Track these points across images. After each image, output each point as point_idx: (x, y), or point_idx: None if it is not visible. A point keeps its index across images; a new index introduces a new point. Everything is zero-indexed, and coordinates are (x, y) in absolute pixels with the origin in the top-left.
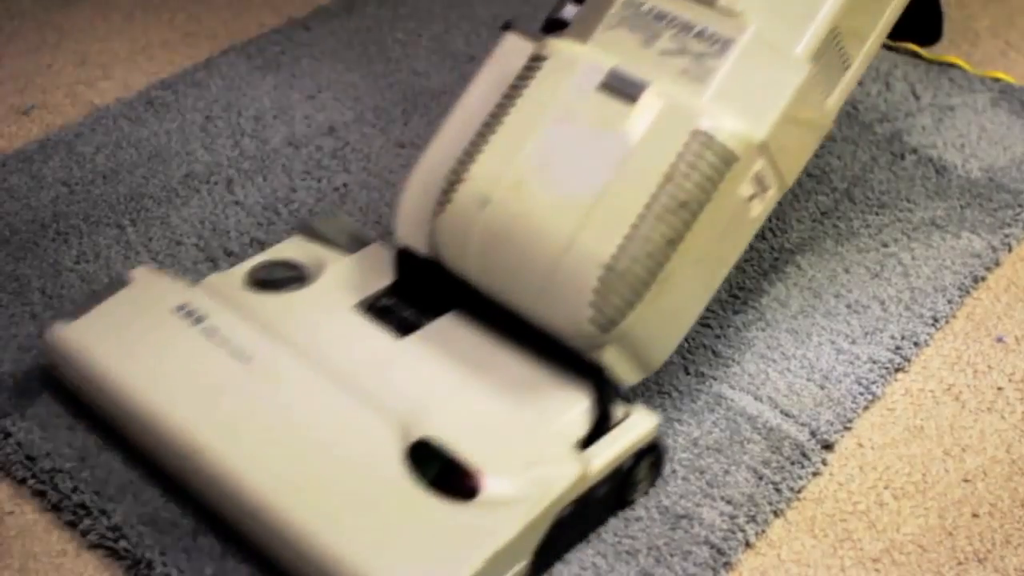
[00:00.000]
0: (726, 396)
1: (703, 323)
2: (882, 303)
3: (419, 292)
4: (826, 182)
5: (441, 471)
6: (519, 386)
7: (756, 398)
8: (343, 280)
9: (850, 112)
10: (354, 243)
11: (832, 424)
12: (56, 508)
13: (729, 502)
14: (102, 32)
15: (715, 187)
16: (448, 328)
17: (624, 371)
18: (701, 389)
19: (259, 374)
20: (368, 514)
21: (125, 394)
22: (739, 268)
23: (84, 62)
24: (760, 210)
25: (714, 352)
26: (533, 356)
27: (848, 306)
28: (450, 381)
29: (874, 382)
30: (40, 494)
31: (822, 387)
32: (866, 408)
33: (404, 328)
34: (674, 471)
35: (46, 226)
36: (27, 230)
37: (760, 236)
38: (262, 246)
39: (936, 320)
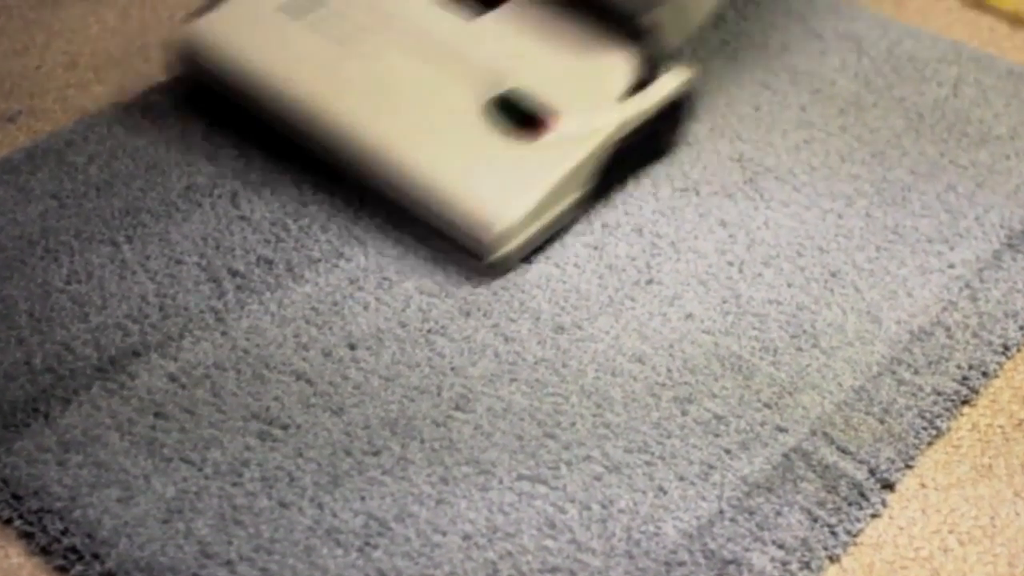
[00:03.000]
0: (778, 429)
1: (756, 347)
2: (947, 329)
3: None
4: (885, 197)
5: (521, 117)
6: (577, 48)
7: (811, 432)
8: None
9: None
10: None
11: (893, 462)
12: (45, 551)
13: (781, 546)
14: (95, 32)
15: None
16: (515, 8)
17: (669, 31)
18: (752, 421)
19: (357, 54)
20: (451, 151)
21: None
22: (789, 288)
23: (75, 64)
24: None
25: (769, 381)
26: (589, 25)
27: (910, 332)
28: (528, 47)
29: (938, 416)
30: (27, 536)
31: (882, 421)
32: (930, 444)
33: (477, 10)
34: (721, 511)
35: (34, 243)
36: (13, 247)
37: (812, 253)
38: (270, 265)
39: (1007, 348)
